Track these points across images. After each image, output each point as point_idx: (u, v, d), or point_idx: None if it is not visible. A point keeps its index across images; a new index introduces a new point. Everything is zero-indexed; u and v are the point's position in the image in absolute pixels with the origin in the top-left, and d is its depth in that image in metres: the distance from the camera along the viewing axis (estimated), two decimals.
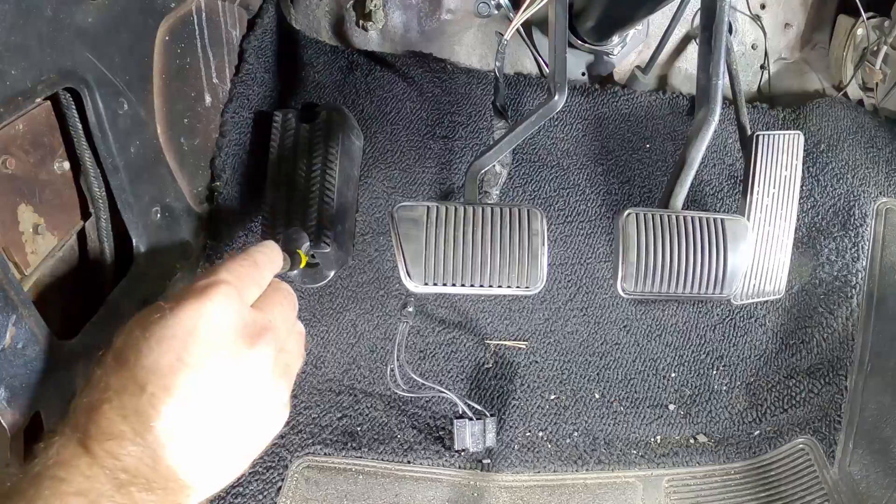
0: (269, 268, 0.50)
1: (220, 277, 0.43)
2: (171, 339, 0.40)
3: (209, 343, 0.40)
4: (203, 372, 0.40)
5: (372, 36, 1.10)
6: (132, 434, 0.38)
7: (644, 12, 0.88)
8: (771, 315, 1.04)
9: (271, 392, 0.45)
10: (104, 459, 0.36)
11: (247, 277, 0.46)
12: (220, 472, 0.43)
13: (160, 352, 0.39)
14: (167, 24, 0.73)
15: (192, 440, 0.39)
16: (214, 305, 0.41)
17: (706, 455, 0.97)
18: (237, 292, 0.43)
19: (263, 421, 0.45)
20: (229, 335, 0.42)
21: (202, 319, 0.41)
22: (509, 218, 0.64)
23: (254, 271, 0.47)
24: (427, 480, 0.92)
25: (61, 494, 0.35)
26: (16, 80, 0.50)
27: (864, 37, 1.06)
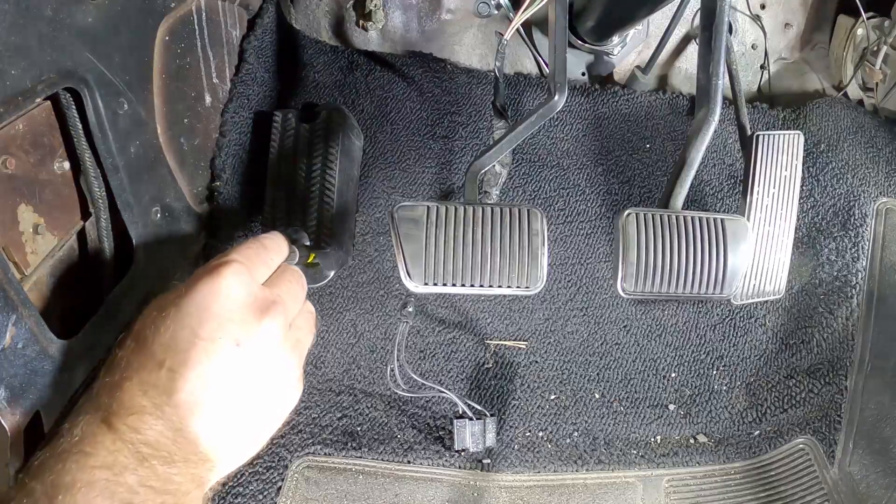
0: (277, 251, 0.53)
1: (230, 257, 0.46)
2: (186, 316, 0.42)
3: (221, 317, 0.43)
4: (217, 345, 0.42)
5: (372, 36, 1.10)
6: (153, 408, 0.39)
7: (644, 12, 0.88)
8: (771, 315, 1.04)
9: (283, 364, 0.47)
10: (126, 434, 0.38)
11: (256, 258, 0.49)
12: (239, 443, 0.45)
13: (176, 329, 0.42)
14: (167, 24, 0.73)
15: (211, 412, 0.41)
16: (225, 281, 0.44)
17: (706, 455, 0.97)
18: (247, 270, 0.46)
19: (277, 392, 0.47)
20: (240, 309, 0.44)
21: (214, 296, 0.43)
22: (509, 218, 0.64)
23: (262, 253, 0.50)
24: (427, 480, 0.92)
25: (87, 468, 0.36)
26: (16, 80, 0.50)
27: (864, 37, 1.06)
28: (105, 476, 0.37)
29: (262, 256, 0.50)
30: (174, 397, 0.40)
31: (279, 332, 0.46)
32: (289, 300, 0.49)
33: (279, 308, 0.46)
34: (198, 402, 0.41)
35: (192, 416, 0.40)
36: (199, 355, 0.41)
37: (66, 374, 0.57)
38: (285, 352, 0.47)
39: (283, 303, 0.47)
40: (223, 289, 0.44)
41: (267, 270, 0.50)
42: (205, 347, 0.41)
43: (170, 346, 0.41)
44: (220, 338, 0.42)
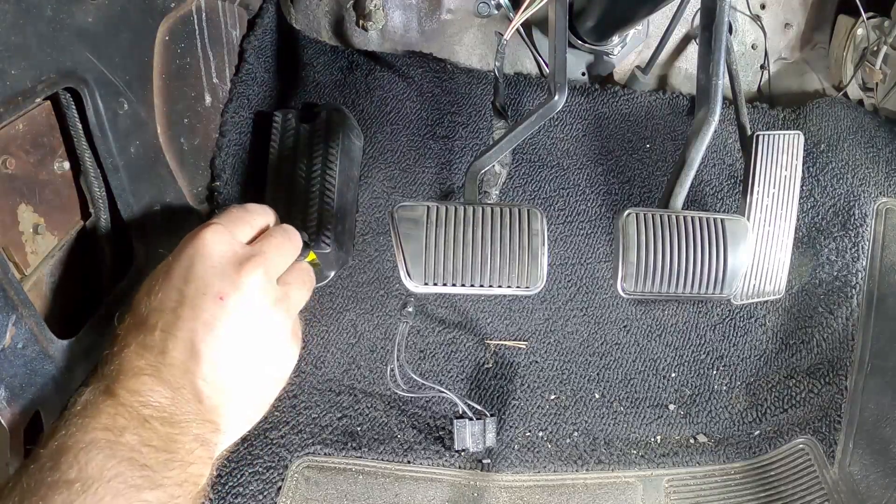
0: (261, 214, 0.54)
1: (213, 221, 0.49)
2: (173, 279, 0.45)
3: (204, 274, 0.45)
4: (201, 300, 0.44)
5: (372, 36, 1.10)
6: (150, 370, 0.41)
7: (644, 12, 0.88)
8: (771, 315, 1.04)
9: (269, 316, 0.48)
10: (126, 398, 0.40)
11: (238, 219, 0.51)
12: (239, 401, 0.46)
13: (164, 292, 0.44)
14: (167, 24, 0.73)
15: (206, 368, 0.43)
16: (205, 240, 0.46)
17: (706, 455, 0.97)
18: (226, 229, 0.48)
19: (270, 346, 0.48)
20: (221, 265, 0.46)
21: (196, 255, 0.46)
22: (509, 218, 0.64)
23: (244, 215, 0.52)
24: (427, 480, 0.92)
25: (88, 430, 0.38)
26: (16, 80, 0.50)
27: (864, 37, 1.06)
28: (106, 437, 0.38)
29: (243, 218, 0.52)
30: (168, 356, 0.41)
31: (260, 283, 0.47)
32: (272, 253, 0.50)
33: (258, 259, 0.48)
34: (192, 359, 0.42)
35: (188, 373, 0.42)
36: (186, 313, 0.43)
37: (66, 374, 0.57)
38: (270, 304, 0.48)
39: (263, 255, 0.49)
40: (203, 247, 0.46)
41: (249, 230, 0.52)
42: (192, 304, 0.43)
43: (160, 308, 0.43)
44: (203, 294, 0.44)
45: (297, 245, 0.54)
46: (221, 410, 0.44)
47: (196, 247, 0.46)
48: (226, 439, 0.45)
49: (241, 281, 0.46)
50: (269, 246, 0.50)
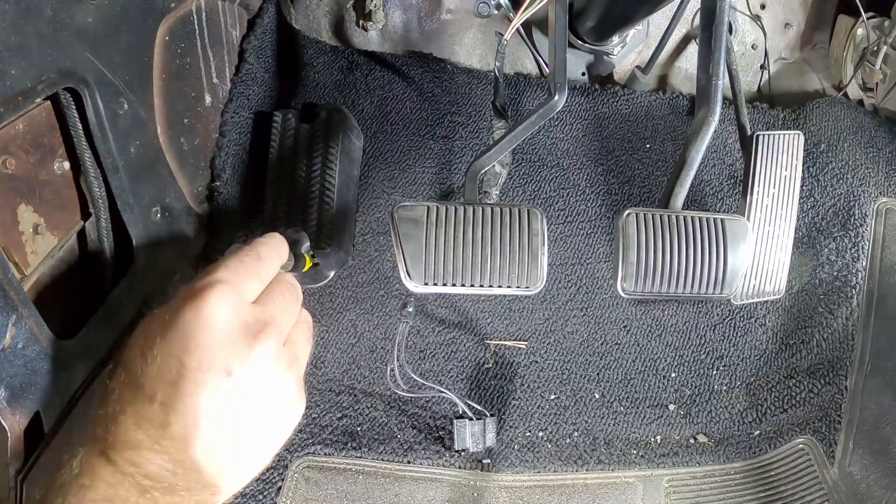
0: (274, 260, 0.50)
1: (216, 277, 0.43)
2: (172, 346, 0.40)
3: (209, 346, 0.40)
4: (207, 375, 0.40)
5: (372, 36, 1.10)
6: (150, 442, 0.39)
7: (644, 12, 0.88)
8: (771, 315, 1.04)
9: (279, 384, 0.45)
10: (125, 467, 0.38)
11: (247, 273, 0.45)
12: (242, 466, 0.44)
13: (163, 359, 0.40)
14: (167, 24, 0.73)
15: (209, 441, 0.40)
16: (210, 307, 0.41)
17: (706, 455, 0.97)
18: (235, 290, 0.43)
19: (277, 412, 0.45)
20: (229, 336, 0.41)
21: (199, 323, 0.41)
22: (509, 218, 0.64)
23: (256, 265, 0.47)
24: (427, 480, 0.92)
25: (88, 501, 0.36)
26: (16, 80, 0.50)
27: (864, 37, 1.06)
28: None
29: (253, 270, 0.46)
30: (169, 430, 0.39)
31: (273, 354, 0.44)
32: (282, 317, 0.46)
33: (271, 329, 0.44)
34: (193, 434, 0.40)
35: (189, 447, 0.39)
36: (189, 387, 0.39)
37: (66, 374, 0.57)
38: (281, 372, 0.45)
39: (275, 322, 0.44)
40: (209, 315, 0.41)
41: (259, 285, 0.46)
42: (194, 378, 0.40)
43: (159, 378, 0.40)
44: (209, 368, 0.40)
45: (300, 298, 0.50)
46: (223, 476, 0.42)
47: (198, 313, 0.41)
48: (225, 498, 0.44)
49: (251, 355, 0.42)
50: (279, 310, 0.46)
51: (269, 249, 0.49)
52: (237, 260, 0.46)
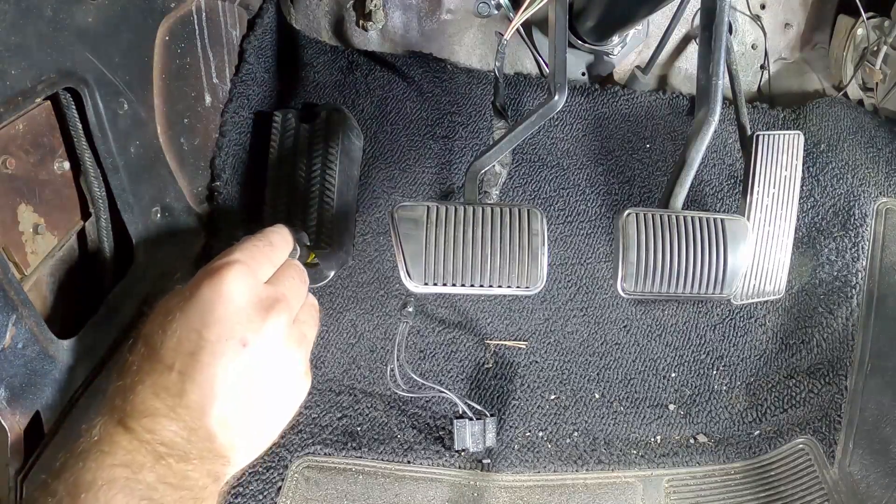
0: (283, 247, 0.53)
1: (233, 258, 0.47)
2: (192, 320, 0.43)
3: (226, 319, 0.44)
4: (224, 346, 0.43)
5: (372, 36, 1.10)
6: (166, 410, 0.41)
7: (644, 12, 0.88)
8: (771, 315, 1.04)
9: (290, 359, 0.48)
10: (142, 434, 0.40)
11: (261, 256, 0.49)
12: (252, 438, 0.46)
13: (182, 332, 0.43)
14: (167, 24, 0.73)
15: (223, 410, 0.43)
16: (228, 284, 0.45)
17: (706, 455, 0.97)
18: (250, 270, 0.47)
19: (286, 387, 0.48)
20: (244, 310, 0.45)
21: (218, 298, 0.44)
22: (509, 218, 0.64)
23: (268, 250, 0.51)
24: (427, 480, 0.92)
25: (107, 466, 0.38)
26: (16, 80, 0.50)
27: (864, 37, 1.06)
28: (124, 474, 0.38)
29: (266, 254, 0.50)
30: (186, 399, 0.41)
31: (284, 329, 0.47)
32: (292, 296, 0.49)
33: (283, 305, 0.47)
34: (209, 403, 0.42)
35: (204, 416, 0.42)
36: (207, 357, 0.42)
37: (66, 374, 0.57)
38: (291, 347, 0.48)
39: (286, 300, 0.48)
40: (226, 291, 0.44)
41: (271, 268, 0.50)
42: (212, 349, 0.42)
43: (178, 349, 0.42)
44: (226, 339, 0.43)
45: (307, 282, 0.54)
46: (234, 447, 0.44)
47: (217, 289, 0.44)
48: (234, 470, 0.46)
49: (265, 328, 0.45)
50: (290, 290, 0.50)
51: (279, 237, 0.53)
52: (251, 244, 0.50)
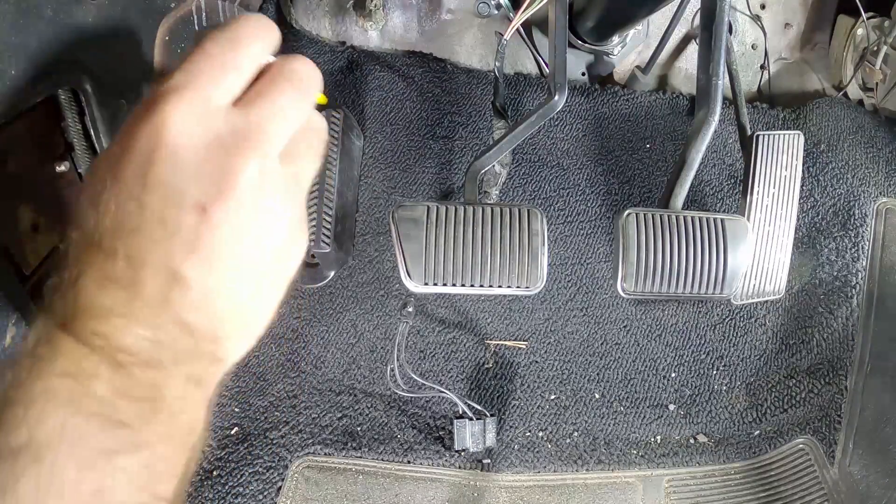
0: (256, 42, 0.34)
1: (170, 84, 0.31)
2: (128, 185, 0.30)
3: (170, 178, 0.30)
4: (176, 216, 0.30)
5: (372, 36, 1.10)
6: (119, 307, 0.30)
7: (644, 12, 0.88)
8: (771, 315, 1.04)
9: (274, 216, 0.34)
10: (92, 340, 0.30)
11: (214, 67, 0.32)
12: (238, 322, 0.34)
13: (118, 204, 0.30)
14: (167, 24, 0.73)
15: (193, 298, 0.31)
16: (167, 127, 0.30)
17: (706, 455, 0.97)
18: (198, 95, 0.31)
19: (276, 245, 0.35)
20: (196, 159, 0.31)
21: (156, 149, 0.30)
22: (509, 218, 0.64)
23: (228, 54, 0.33)
24: (427, 480, 0.92)
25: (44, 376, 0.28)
26: (16, 80, 0.50)
27: (864, 37, 1.06)
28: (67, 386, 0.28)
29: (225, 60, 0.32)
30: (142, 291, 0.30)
31: (258, 177, 0.32)
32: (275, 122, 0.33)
33: (257, 141, 0.32)
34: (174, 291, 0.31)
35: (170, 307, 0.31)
36: (156, 233, 0.30)
37: None
38: (274, 197, 0.33)
39: (262, 131, 0.32)
40: (165, 136, 0.30)
41: (238, 78, 0.33)
42: (160, 220, 0.30)
43: (117, 229, 0.30)
44: (176, 205, 0.30)
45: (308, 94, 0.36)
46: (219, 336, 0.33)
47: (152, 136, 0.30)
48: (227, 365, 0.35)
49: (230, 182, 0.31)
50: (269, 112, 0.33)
51: (249, 28, 0.34)
52: (200, 53, 0.32)
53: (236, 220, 0.31)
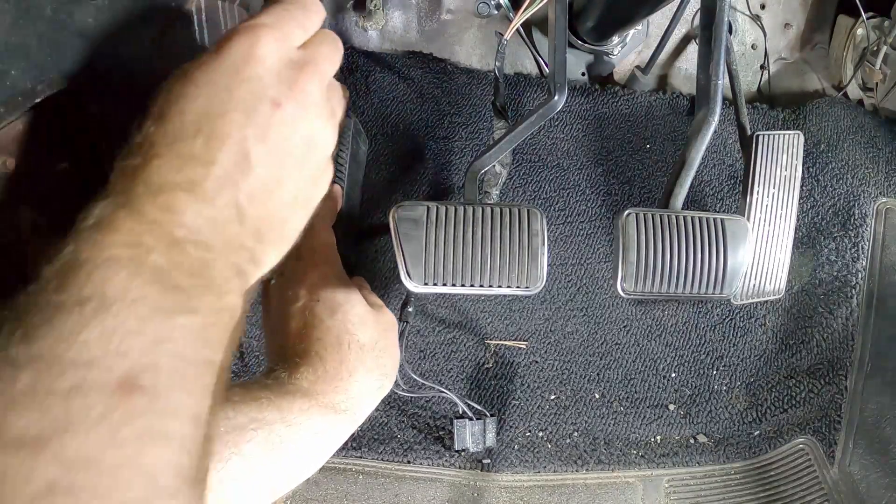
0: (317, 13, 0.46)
1: (262, 20, 0.41)
2: (218, 78, 0.38)
3: (258, 78, 0.39)
4: (257, 105, 0.38)
5: (372, 36, 1.10)
6: (187, 185, 0.34)
7: (644, 12, 0.88)
8: (771, 315, 1.04)
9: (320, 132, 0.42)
10: (155, 214, 0.33)
11: (291, 20, 0.43)
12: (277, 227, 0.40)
13: (208, 92, 0.37)
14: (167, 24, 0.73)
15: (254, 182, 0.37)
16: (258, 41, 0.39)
17: (706, 455, 0.97)
18: (282, 34, 0.41)
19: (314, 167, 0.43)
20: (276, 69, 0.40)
21: (248, 57, 0.39)
22: (509, 218, 0.64)
23: (300, 14, 0.44)
24: (427, 480, 0.92)
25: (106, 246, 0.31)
26: (16, 80, 0.50)
27: (864, 37, 1.06)
28: (128, 254, 0.31)
29: (297, 18, 0.44)
30: (214, 167, 0.35)
31: (317, 93, 0.42)
32: (324, 62, 0.44)
33: (315, 68, 0.42)
34: (240, 171, 0.36)
35: (233, 187, 0.36)
36: (237, 117, 0.37)
37: None
38: (322, 118, 0.42)
39: (318, 64, 0.43)
40: (257, 47, 0.39)
41: (303, 34, 0.44)
42: (245, 107, 0.37)
43: (203, 111, 0.36)
44: (259, 98, 0.38)
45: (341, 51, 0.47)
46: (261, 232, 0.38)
47: (246, 47, 0.38)
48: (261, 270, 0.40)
49: (298, 88, 0.40)
50: (322, 54, 0.43)
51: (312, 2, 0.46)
52: (281, 7, 0.43)
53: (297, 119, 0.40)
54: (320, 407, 0.56)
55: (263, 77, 0.39)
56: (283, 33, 0.41)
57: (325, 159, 0.44)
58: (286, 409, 0.53)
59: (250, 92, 0.38)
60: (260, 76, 0.38)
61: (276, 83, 0.39)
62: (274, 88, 0.39)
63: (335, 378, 0.58)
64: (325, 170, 0.45)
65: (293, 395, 0.55)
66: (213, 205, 0.35)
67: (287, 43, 0.41)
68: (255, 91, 0.38)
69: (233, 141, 0.36)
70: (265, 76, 0.39)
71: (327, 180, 0.46)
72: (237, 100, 0.37)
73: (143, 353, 0.28)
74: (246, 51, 0.38)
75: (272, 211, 0.39)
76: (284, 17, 0.42)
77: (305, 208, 0.43)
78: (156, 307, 0.30)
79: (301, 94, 0.40)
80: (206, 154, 0.35)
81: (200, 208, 0.34)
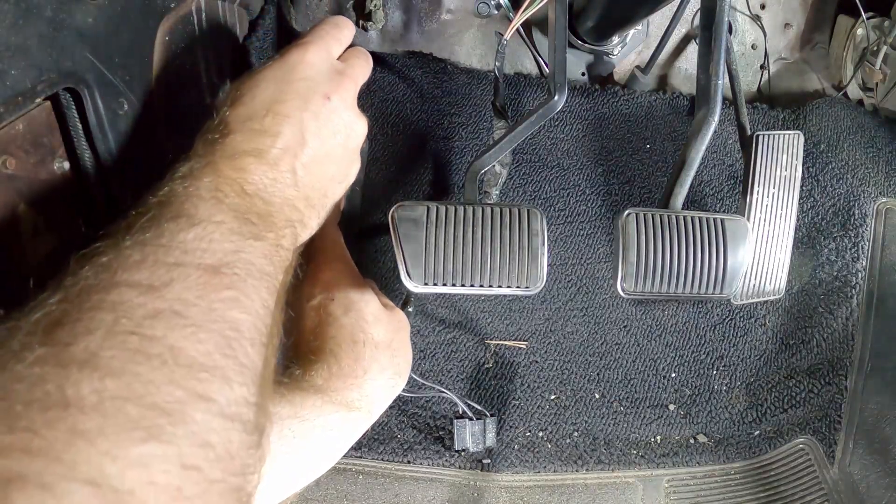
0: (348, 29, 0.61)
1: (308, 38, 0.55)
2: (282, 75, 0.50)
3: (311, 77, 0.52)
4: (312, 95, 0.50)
5: (372, 36, 1.10)
6: (256, 152, 0.45)
7: (644, 12, 0.88)
8: (771, 315, 1.04)
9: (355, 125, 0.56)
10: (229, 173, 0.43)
11: (331, 38, 0.57)
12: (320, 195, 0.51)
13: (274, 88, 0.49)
14: (167, 24, 0.73)
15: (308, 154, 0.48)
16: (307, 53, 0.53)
17: (706, 455, 0.97)
18: (325, 46, 0.55)
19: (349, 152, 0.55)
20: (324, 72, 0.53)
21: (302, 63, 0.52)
22: (509, 218, 0.64)
23: (335, 31, 0.58)
24: (427, 480, 0.92)
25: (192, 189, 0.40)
26: (16, 80, 0.50)
27: (864, 37, 1.06)
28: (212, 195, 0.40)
29: (334, 35, 0.57)
30: (280, 139, 0.46)
31: (352, 96, 0.55)
32: (358, 71, 0.58)
33: (352, 75, 0.56)
34: (298, 144, 0.47)
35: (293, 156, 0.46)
36: (297, 103, 0.48)
37: None
38: (357, 113, 0.56)
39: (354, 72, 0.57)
40: (307, 56, 0.52)
41: (339, 47, 0.58)
42: (302, 96, 0.49)
43: (271, 99, 0.48)
44: (313, 90, 0.51)
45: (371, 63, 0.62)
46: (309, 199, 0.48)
47: (299, 56, 0.52)
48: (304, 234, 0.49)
49: (342, 88, 0.53)
50: (355, 65, 0.58)
51: (343, 20, 0.61)
52: (320, 28, 0.58)
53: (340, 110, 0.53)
54: (334, 404, 0.57)
55: (314, 77, 0.52)
56: (324, 46, 0.55)
57: (358, 147, 0.57)
58: (299, 404, 0.54)
59: (305, 86, 0.50)
60: (311, 76, 0.52)
61: (326, 81, 0.53)
62: (324, 85, 0.52)
63: (350, 375, 0.59)
64: (356, 157, 0.57)
65: (307, 392, 0.56)
66: (276, 168, 0.45)
67: (329, 53, 0.56)
68: (309, 86, 0.51)
69: (294, 119, 0.48)
70: (316, 76, 0.52)
71: (357, 167, 0.57)
72: (296, 91, 0.49)
73: (226, 254, 0.37)
74: (299, 58, 0.52)
75: (319, 181, 0.50)
76: (324, 35, 0.57)
77: (342, 184, 0.55)
78: (232, 229, 0.39)
79: (343, 92, 0.54)
80: (273, 127, 0.46)
81: (266, 170, 0.45)
